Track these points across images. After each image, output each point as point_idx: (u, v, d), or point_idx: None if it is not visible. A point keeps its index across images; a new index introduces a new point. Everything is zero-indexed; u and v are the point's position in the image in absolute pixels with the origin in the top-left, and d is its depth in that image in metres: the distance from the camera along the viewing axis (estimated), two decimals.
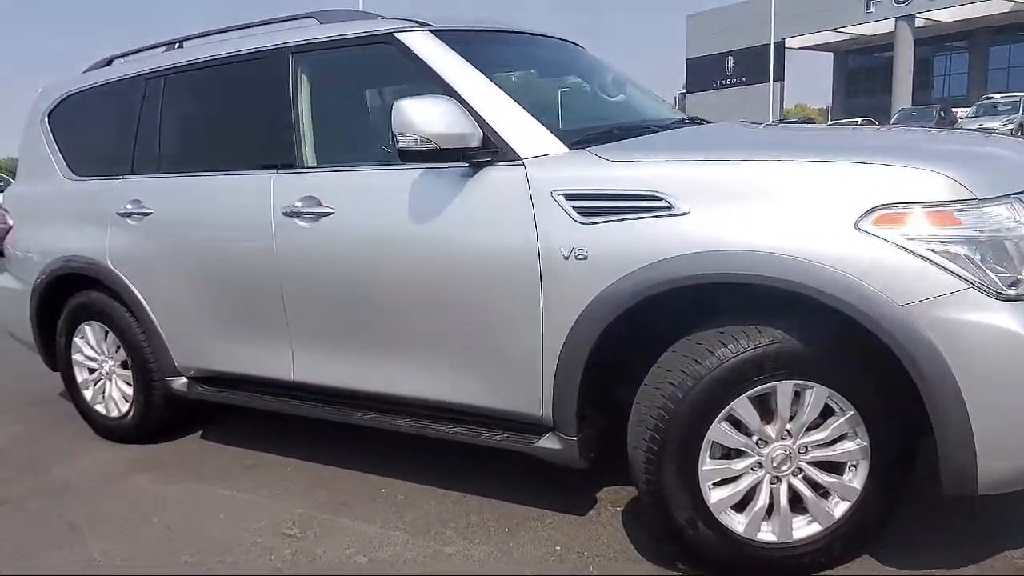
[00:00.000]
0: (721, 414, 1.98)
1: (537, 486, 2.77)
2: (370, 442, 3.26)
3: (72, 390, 3.66)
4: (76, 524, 2.78)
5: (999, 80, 37.44)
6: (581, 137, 2.35)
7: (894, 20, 34.09)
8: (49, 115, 3.66)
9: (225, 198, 2.90)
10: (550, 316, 2.21)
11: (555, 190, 2.18)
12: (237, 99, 3.03)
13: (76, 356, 3.59)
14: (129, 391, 3.43)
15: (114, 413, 3.51)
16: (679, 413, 1.97)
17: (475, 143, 2.27)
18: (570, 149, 2.27)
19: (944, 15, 34.02)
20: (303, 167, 2.74)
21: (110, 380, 3.52)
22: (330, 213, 2.60)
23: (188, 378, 3.25)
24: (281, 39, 2.84)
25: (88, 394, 3.61)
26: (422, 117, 2.20)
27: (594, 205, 2.12)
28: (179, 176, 3.09)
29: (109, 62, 3.62)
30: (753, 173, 1.97)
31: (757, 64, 39.10)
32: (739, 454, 2.04)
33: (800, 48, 41.86)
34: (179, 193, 3.06)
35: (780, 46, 38.57)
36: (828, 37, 39.91)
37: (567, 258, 2.14)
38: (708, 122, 3.01)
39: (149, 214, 3.12)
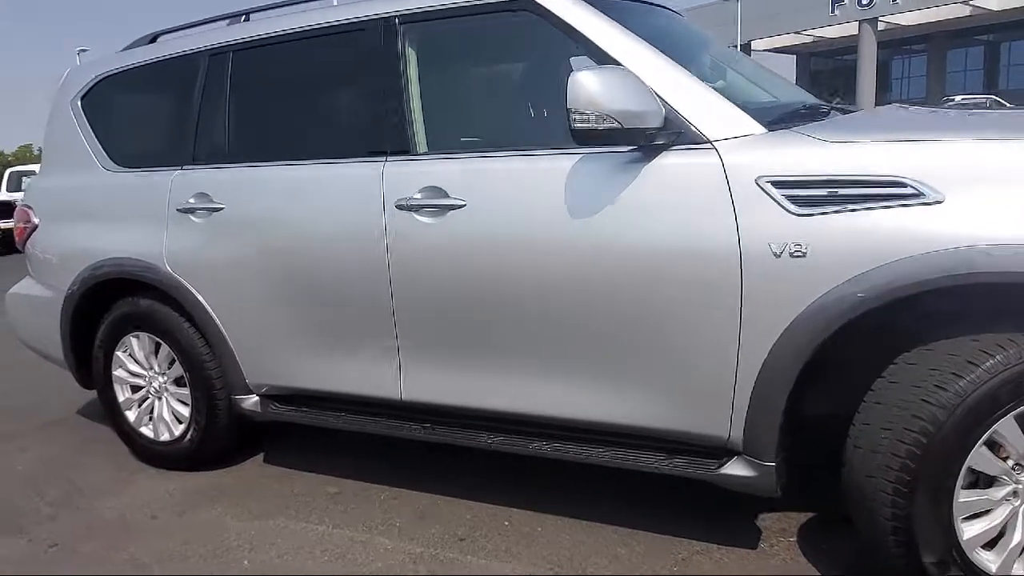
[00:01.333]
0: (984, 437, 1.70)
1: (679, 513, 2.47)
2: (458, 463, 2.92)
3: (111, 411, 3.23)
4: (150, 568, 2.38)
5: (956, 83, 38.42)
6: (775, 116, 2.05)
7: (857, 23, 34.67)
8: (82, 99, 3.22)
9: (319, 191, 2.52)
10: (751, 323, 1.90)
11: (761, 177, 1.87)
12: (329, 77, 2.66)
13: (118, 372, 3.17)
14: (185, 411, 3.02)
15: (164, 436, 3.09)
16: (941, 437, 1.68)
17: (655, 123, 1.95)
18: (768, 130, 1.96)
19: (905, 19, 34.71)
20: (418, 153, 2.39)
21: (159, 399, 3.10)
22: (459, 206, 2.25)
23: (260, 396, 2.86)
24: (385, 7, 2.47)
25: (131, 415, 3.19)
26: (606, 92, 1.87)
27: (814, 194, 1.81)
28: (258, 167, 2.69)
29: (153, 39, 3.20)
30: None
31: None
32: (993, 482, 1.76)
33: (765, 50, 42.37)
34: (259, 186, 2.66)
35: (747, 48, 38.95)
36: (792, 40, 40.46)
37: (779, 255, 1.84)
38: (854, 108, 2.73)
39: (219, 210, 2.72)
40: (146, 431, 3.16)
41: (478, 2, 2.32)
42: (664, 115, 1.96)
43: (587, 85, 1.88)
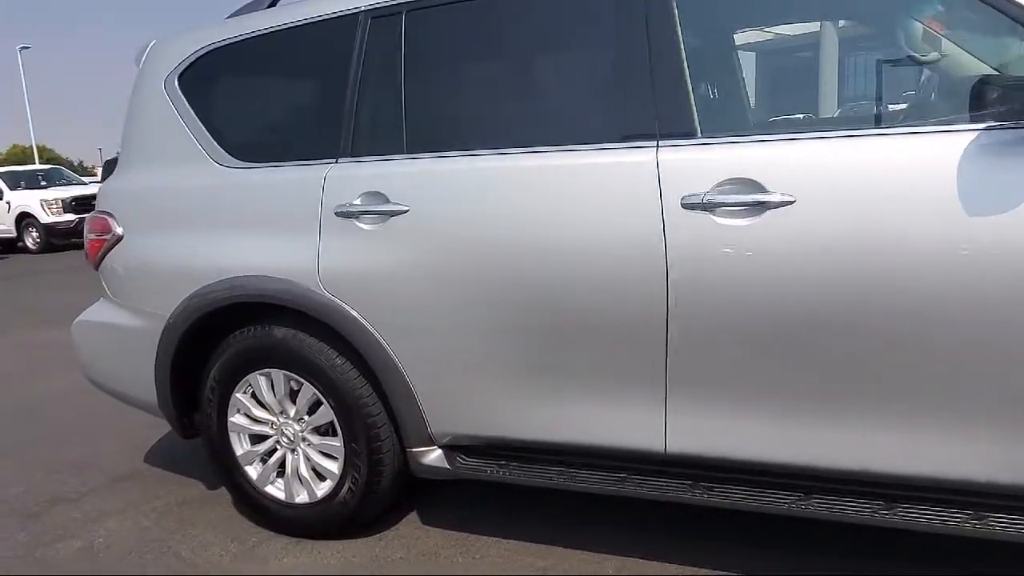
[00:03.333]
0: None
1: None
2: (695, 523, 2.38)
3: (224, 466, 2.59)
4: None
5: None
6: None
7: (819, 22, 35.11)
8: (180, 79, 2.57)
9: (556, 187, 1.95)
10: None
11: None
12: (556, 39, 2.08)
13: (236, 419, 2.53)
14: (332, 467, 2.40)
15: (301, 498, 2.47)
16: None
17: None
18: None
19: None
20: (707, 134, 1.84)
21: (294, 452, 2.48)
22: (786, 203, 1.72)
23: (444, 448, 2.27)
24: None
25: (253, 471, 2.55)
26: None
27: None
28: (457, 157, 2.11)
29: (273, 2, 2.57)
30: None
31: None
32: None
33: None
34: (462, 182, 2.07)
35: None
36: (753, 36, 40.85)
37: None
38: None
39: (400, 213, 2.13)
40: (274, 491, 2.53)
41: None
42: None
43: None
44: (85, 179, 17.13)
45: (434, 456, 2.26)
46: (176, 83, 2.57)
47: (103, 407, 3.81)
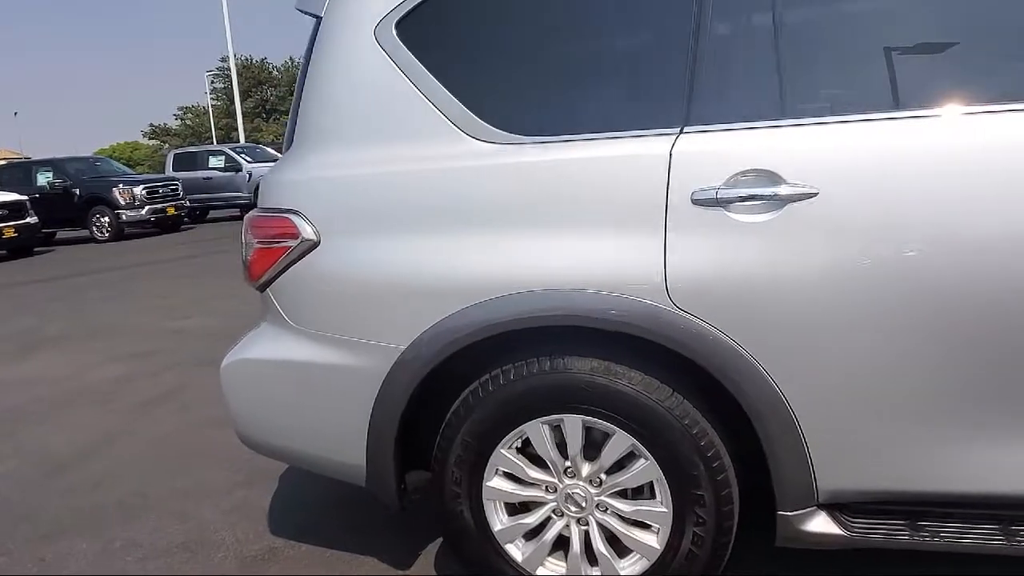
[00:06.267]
0: None
1: None
2: None
3: (472, 546, 1.93)
4: None
5: None
6: None
7: None
8: (399, 26, 1.89)
9: None
10: None
11: None
12: None
13: (495, 483, 1.88)
14: (649, 539, 1.80)
15: None
16: None
17: None
18: None
19: None
20: None
21: (580, 522, 1.86)
22: None
23: (826, 508, 1.72)
24: None
25: (518, 551, 1.91)
26: None
27: None
28: (911, 119, 1.55)
29: None
30: None
31: None
32: None
33: None
34: (923, 156, 1.53)
35: None
36: None
37: None
38: None
39: (804, 198, 1.56)
40: (547, 574, 1.91)
41: None
42: None
43: None
44: None
45: (819, 520, 1.71)
46: (394, 31, 1.89)
47: (161, 457, 3.02)
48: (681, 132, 1.67)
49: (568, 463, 1.84)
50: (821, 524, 1.71)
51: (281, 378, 2.02)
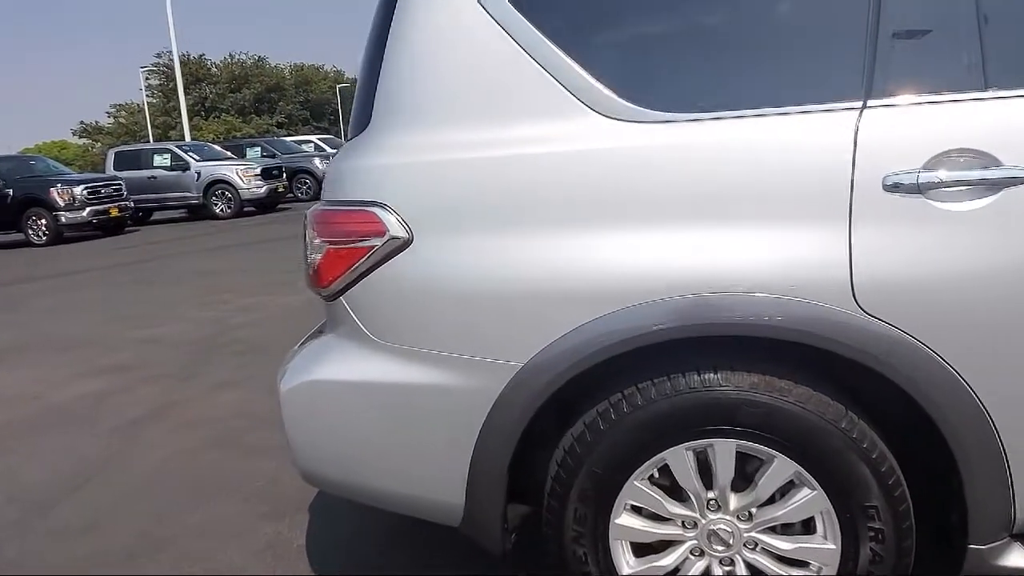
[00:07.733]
0: None
1: None
2: None
3: None
4: None
5: None
6: None
7: None
8: None
9: None
10: None
11: None
12: None
13: (624, 520, 1.61)
14: None
15: None
16: None
17: None
18: None
19: None
20: None
21: (723, 563, 1.60)
22: None
23: (1019, 539, 1.51)
24: None
25: None
26: None
27: None
28: None
29: None
30: None
31: None
32: None
33: None
34: None
35: None
36: None
37: None
38: None
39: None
40: None
41: None
42: None
43: None
44: None
45: (1017, 554, 1.49)
46: None
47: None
48: (864, 106, 1.42)
49: (713, 495, 1.58)
50: (1017, 558, 1.49)
51: (361, 404, 1.70)
